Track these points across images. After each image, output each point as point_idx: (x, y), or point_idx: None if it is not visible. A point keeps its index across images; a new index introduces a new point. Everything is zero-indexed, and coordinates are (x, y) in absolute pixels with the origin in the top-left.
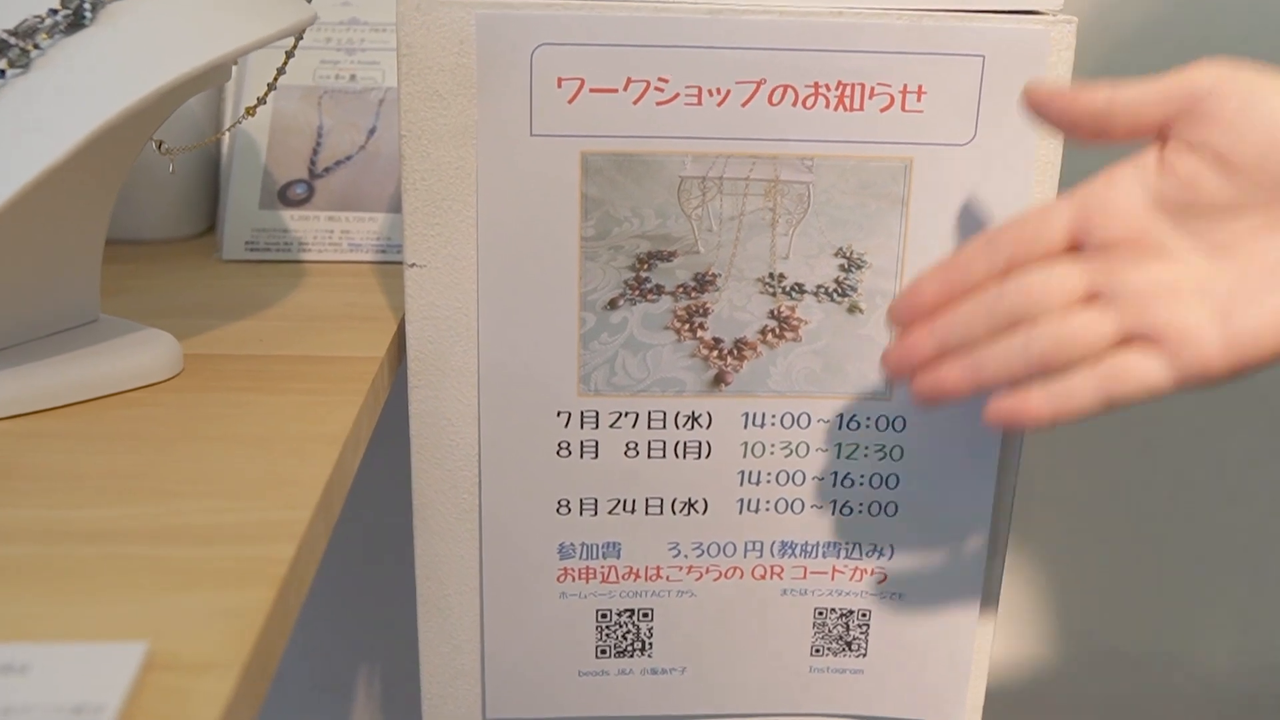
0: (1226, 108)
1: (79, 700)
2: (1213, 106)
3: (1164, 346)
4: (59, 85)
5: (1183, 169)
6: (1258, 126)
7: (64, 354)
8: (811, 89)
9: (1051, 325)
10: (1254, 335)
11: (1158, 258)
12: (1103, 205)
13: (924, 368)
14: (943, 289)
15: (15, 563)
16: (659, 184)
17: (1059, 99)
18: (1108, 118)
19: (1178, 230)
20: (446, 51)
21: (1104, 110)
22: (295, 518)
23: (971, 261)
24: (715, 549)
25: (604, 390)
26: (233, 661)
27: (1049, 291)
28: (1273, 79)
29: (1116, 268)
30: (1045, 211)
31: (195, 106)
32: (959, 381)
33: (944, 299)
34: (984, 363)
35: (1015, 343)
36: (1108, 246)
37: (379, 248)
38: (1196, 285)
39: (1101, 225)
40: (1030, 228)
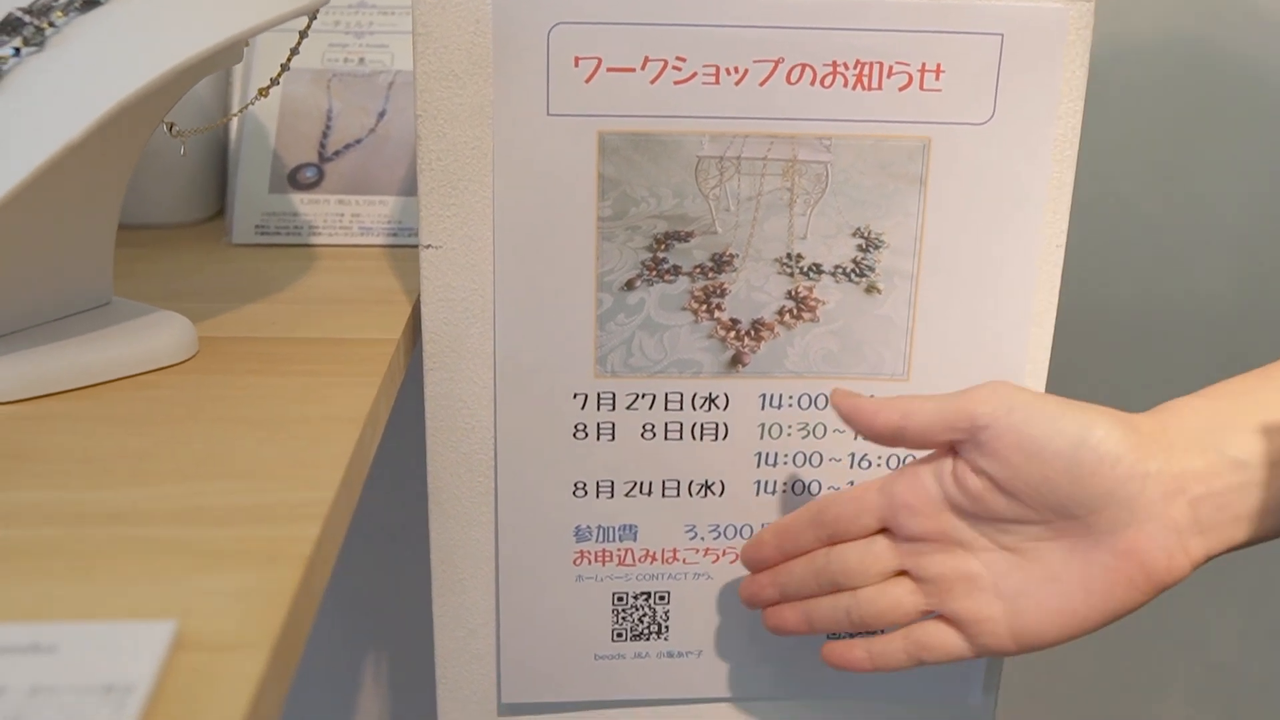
0: (1001, 444)
1: (108, 680)
2: (989, 439)
3: (962, 629)
4: (74, 64)
5: (971, 485)
6: (1029, 463)
7: (78, 336)
8: (830, 68)
9: (869, 598)
10: (1036, 631)
11: (958, 549)
12: (907, 504)
13: (769, 606)
14: (779, 549)
15: (37, 544)
16: (676, 164)
17: (861, 413)
18: (901, 435)
19: (974, 528)
20: (462, 31)
21: (898, 430)
22: (318, 498)
23: (802, 531)
24: (732, 531)
25: (621, 372)
26: (262, 641)
27: (865, 567)
28: (1046, 413)
29: (922, 555)
30: (860, 499)
31: (203, 90)
32: (796, 625)
33: (780, 558)
34: (815, 614)
35: (840, 604)
36: (914, 538)
37: (390, 231)
38: (991, 579)
39: (907, 521)
40: (849, 511)
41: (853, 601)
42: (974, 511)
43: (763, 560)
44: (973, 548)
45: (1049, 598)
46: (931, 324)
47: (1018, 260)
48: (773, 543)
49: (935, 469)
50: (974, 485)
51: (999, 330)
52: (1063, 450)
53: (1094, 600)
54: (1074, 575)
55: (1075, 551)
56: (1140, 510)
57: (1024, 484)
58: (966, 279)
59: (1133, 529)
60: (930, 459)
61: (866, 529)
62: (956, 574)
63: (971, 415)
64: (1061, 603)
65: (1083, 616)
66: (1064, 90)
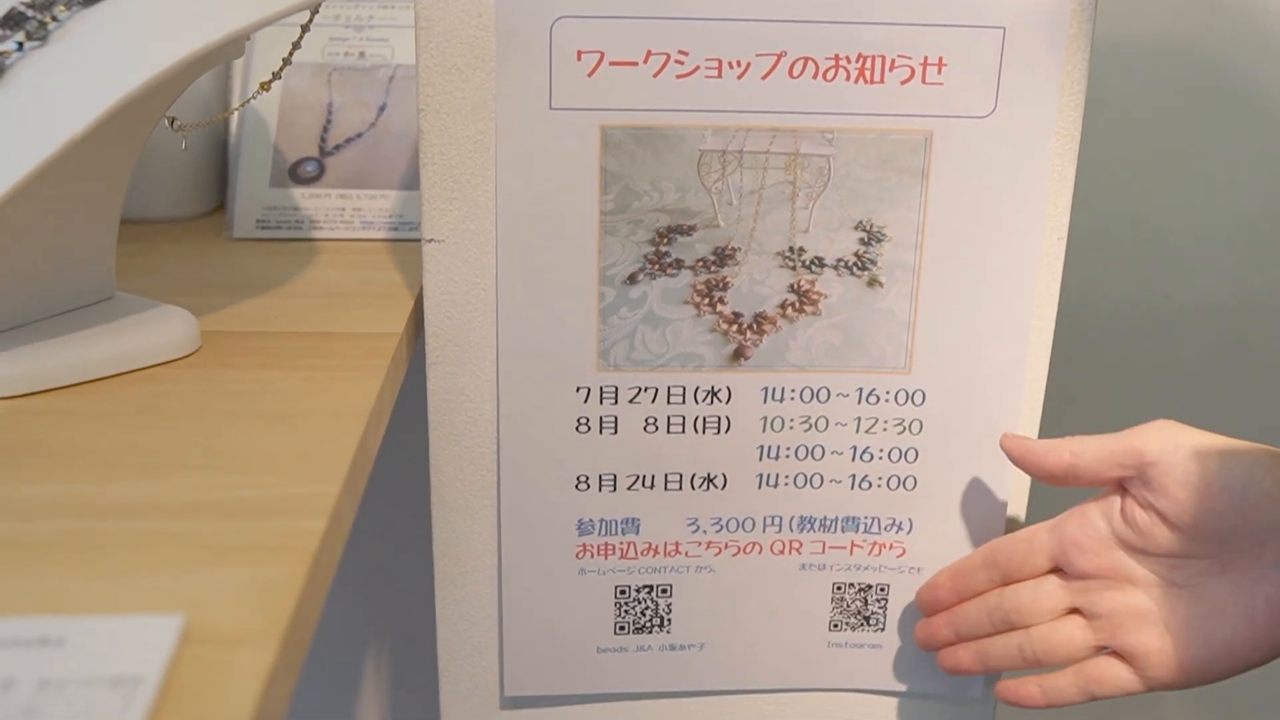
0: (1169, 479)
1: (117, 672)
2: (1157, 476)
3: (1133, 663)
4: (77, 59)
5: (1139, 520)
6: (1195, 499)
7: (81, 331)
8: (832, 61)
9: (1041, 635)
10: (1203, 664)
11: (1128, 585)
12: (1077, 543)
13: (944, 647)
14: (954, 591)
15: (43, 538)
16: (679, 158)
17: (1033, 454)
18: (1073, 474)
19: (1142, 564)
20: (465, 24)
21: (1069, 469)
22: (324, 491)
23: (975, 574)
24: (734, 524)
25: (623, 365)
26: (270, 634)
27: (1038, 605)
28: (1212, 451)
29: (1093, 591)
30: (1031, 540)
31: (204, 84)
32: (971, 665)
33: (954, 599)
34: (990, 653)
35: (1013, 642)
36: (1084, 575)
37: (391, 225)
38: (1160, 614)
39: (1078, 559)
40: (1020, 552)
41: (1025, 639)
42: (1142, 547)
43: (937, 602)
44: (1142, 583)
45: (1215, 630)
46: (933, 317)
47: (1019, 253)
48: (948, 585)
49: (1104, 507)
50: (1142, 521)
51: (1000, 323)
52: (1229, 486)
53: (1259, 633)
54: (1239, 609)
55: (1240, 585)
56: None
57: (1190, 519)
58: (968, 272)
59: None
60: (1098, 501)
61: (1038, 569)
62: (1126, 610)
63: (1139, 452)
64: (1227, 636)
65: (1250, 649)
66: (1065, 84)
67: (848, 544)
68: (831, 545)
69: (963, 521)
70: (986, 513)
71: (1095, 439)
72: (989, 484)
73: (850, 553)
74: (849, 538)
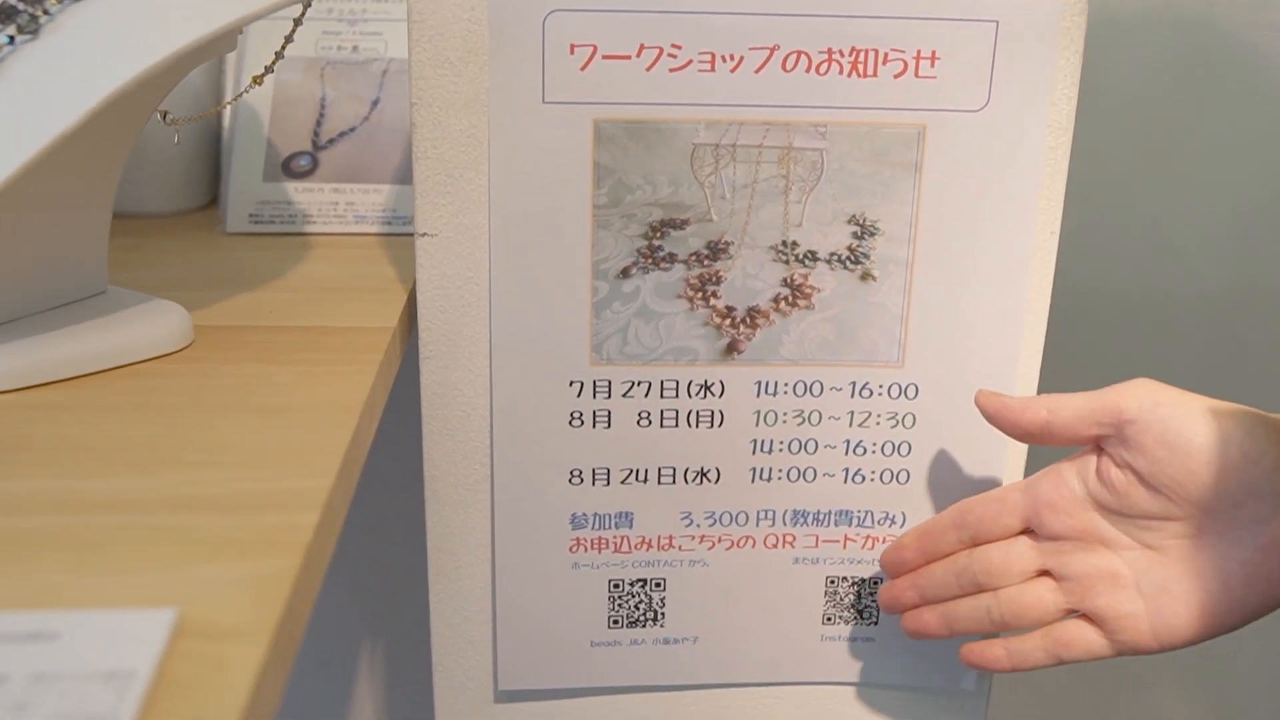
0: (1147, 438)
1: (110, 667)
2: (1135, 434)
3: (1103, 627)
4: (69, 52)
5: (1115, 480)
6: (1174, 459)
7: (74, 325)
8: (825, 55)
9: (1010, 597)
10: (1177, 628)
11: (1100, 548)
12: (1050, 503)
13: (908, 610)
14: (921, 552)
15: (36, 533)
16: (672, 151)
17: (1009, 411)
18: (1049, 431)
19: (1116, 526)
20: (458, 18)
21: (1045, 425)
22: (317, 485)
23: (944, 534)
24: (727, 518)
25: (616, 359)
26: (262, 628)
27: (1008, 567)
28: (1191, 409)
29: (1065, 553)
30: (1003, 499)
31: (197, 78)
32: (936, 628)
33: (921, 560)
34: (956, 615)
35: (980, 604)
36: (1056, 536)
37: (384, 219)
38: (1133, 577)
39: (1050, 520)
40: (992, 512)
41: (994, 601)
42: (1117, 508)
43: (903, 564)
44: (1115, 546)
45: (1191, 594)
46: (926, 311)
47: (1012, 247)
48: (914, 546)
49: (1078, 467)
50: (1118, 480)
51: (993, 317)
52: (1207, 445)
53: (1235, 596)
54: (1215, 571)
55: (1217, 547)
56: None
57: (1168, 478)
58: (961, 266)
59: (1275, 523)
60: (1073, 460)
61: (1009, 529)
62: (1099, 572)
63: (1119, 409)
64: (1202, 599)
65: (1224, 613)
66: (1058, 77)
67: (841, 538)
68: (825, 539)
69: None
70: None
71: (1073, 396)
72: (982, 477)
73: (844, 546)
74: (842, 531)
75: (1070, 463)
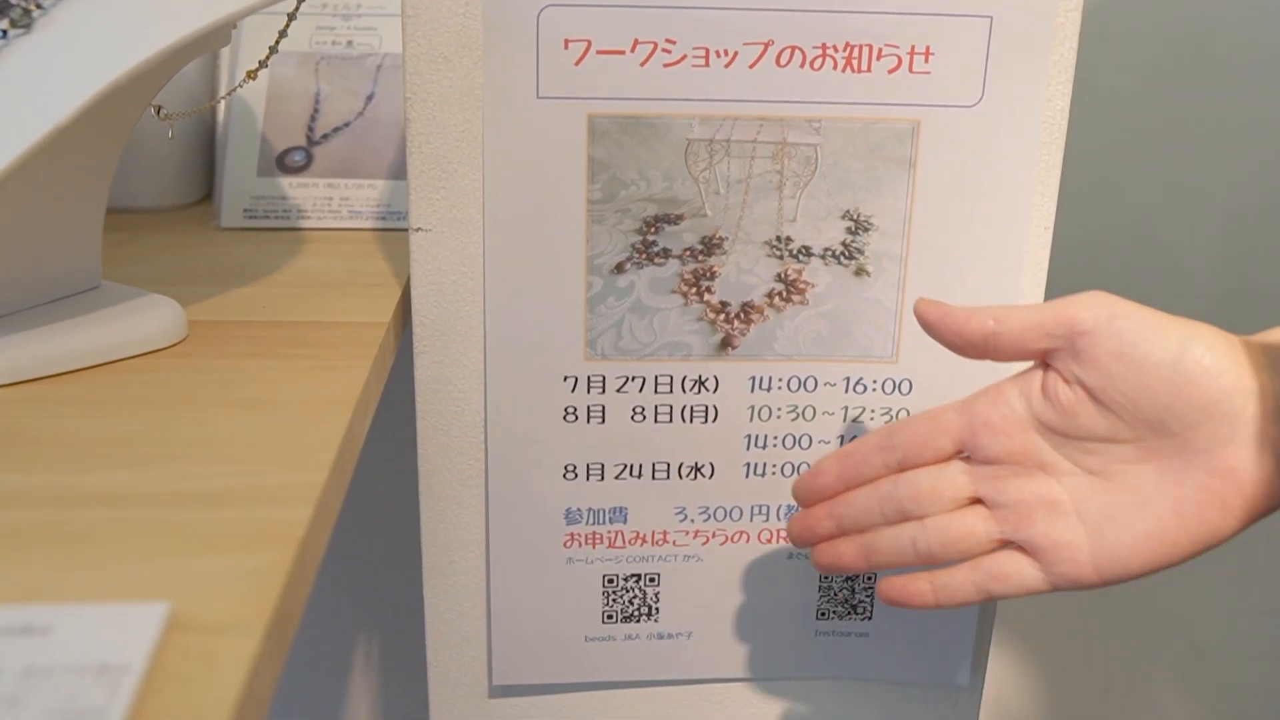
0: (1101, 350)
1: (102, 660)
2: (1089, 346)
3: (1039, 558)
4: (62, 46)
5: (1063, 397)
6: (1129, 373)
7: (68, 320)
8: (819, 50)
9: (938, 525)
10: (1121, 559)
11: (1039, 473)
12: (989, 423)
13: (822, 542)
14: (840, 477)
15: (29, 527)
16: (666, 147)
17: (949, 320)
18: (994, 342)
19: (1059, 449)
20: (451, 13)
21: (990, 336)
22: (310, 480)
23: (868, 456)
24: (722, 513)
25: (611, 354)
26: (255, 622)
27: (937, 493)
28: (1148, 322)
29: (1000, 479)
30: (936, 419)
31: (191, 73)
32: (853, 560)
33: (841, 486)
34: (876, 547)
35: (904, 534)
36: (993, 460)
37: (379, 214)
38: (1074, 504)
39: (988, 441)
40: (923, 433)
41: (920, 530)
42: (1062, 429)
43: (820, 490)
44: (1056, 471)
45: (1137, 523)
46: None
47: (1006, 243)
48: (833, 470)
49: (1021, 385)
50: (1066, 397)
51: None
52: (1165, 359)
53: (1185, 525)
54: (1165, 498)
55: (1168, 473)
56: (1242, 427)
57: (1121, 394)
58: (955, 261)
59: (1232, 447)
60: (1016, 378)
61: (941, 453)
62: (1036, 499)
63: (1072, 320)
64: (1150, 528)
65: (1171, 543)
66: (1052, 73)
67: None
68: None
69: None
70: None
71: (1021, 306)
72: None
73: None
74: None
75: (1012, 380)
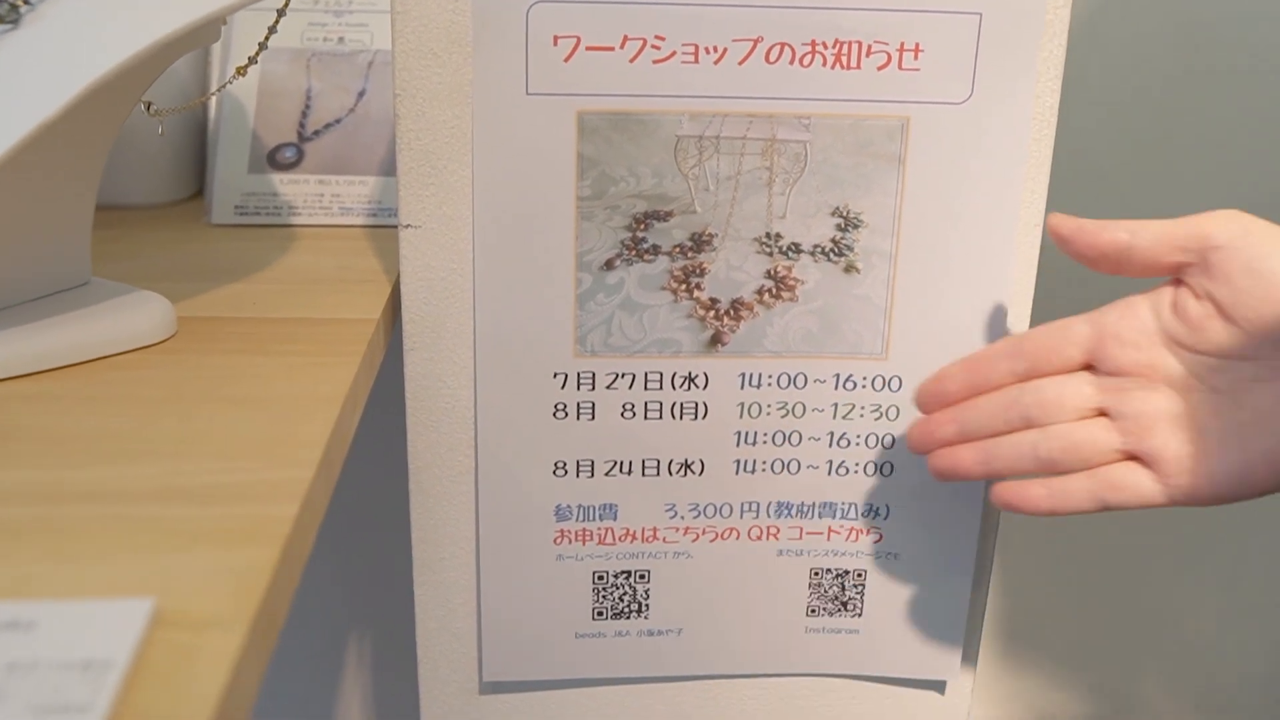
0: (1233, 266)
1: (87, 656)
2: (1221, 261)
3: (1158, 470)
4: (51, 42)
5: (1192, 312)
6: (1258, 288)
7: (56, 316)
8: (809, 47)
9: (1061, 433)
10: (1240, 475)
11: (1163, 387)
12: (1118, 334)
13: (942, 447)
14: (967, 383)
15: (15, 523)
16: (656, 143)
17: (1082, 234)
18: (1127, 256)
19: (1184, 365)
20: (441, 9)
21: (1125, 249)
22: (297, 477)
23: (995, 363)
24: (712, 510)
25: (600, 351)
26: (239, 619)
27: (1062, 402)
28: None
29: (1125, 391)
30: (1066, 329)
31: (182, 69)
32: (971, 465)
33: (966, 393)
34: (996, 453)
35: (1025, 440)
36: (1119, 373)
37: (370, 211)
38: (1196, 419)
39: (1115, 353)
40: (1052, 342)
41: (1041, 436)
42: (1189, 344)
43: (944, 395)
44: (1180, 386)
45: (1254, 441)
46: (910, 303)
47: (996, 240)
48: (959, 376)
49: (1152, 299)
50: (1195, 312)
51: (977, 310)
52: None
53: None
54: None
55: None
56: None
57: (1249, 310)
58: (945, 258)
59: None
60: (1147, 292)
61: (1068, 362)
62: (1160, 412)
63: (1205, 235)
64: (1269, 445)
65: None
66: (1042, 70)
67: (825, 529)
68: (809, 531)
69: (940, 507)
70: (963, 498)
71: (1154, 222)
72: None
73: (827, 538)
74: (826, 523)
75: (1143, 294)
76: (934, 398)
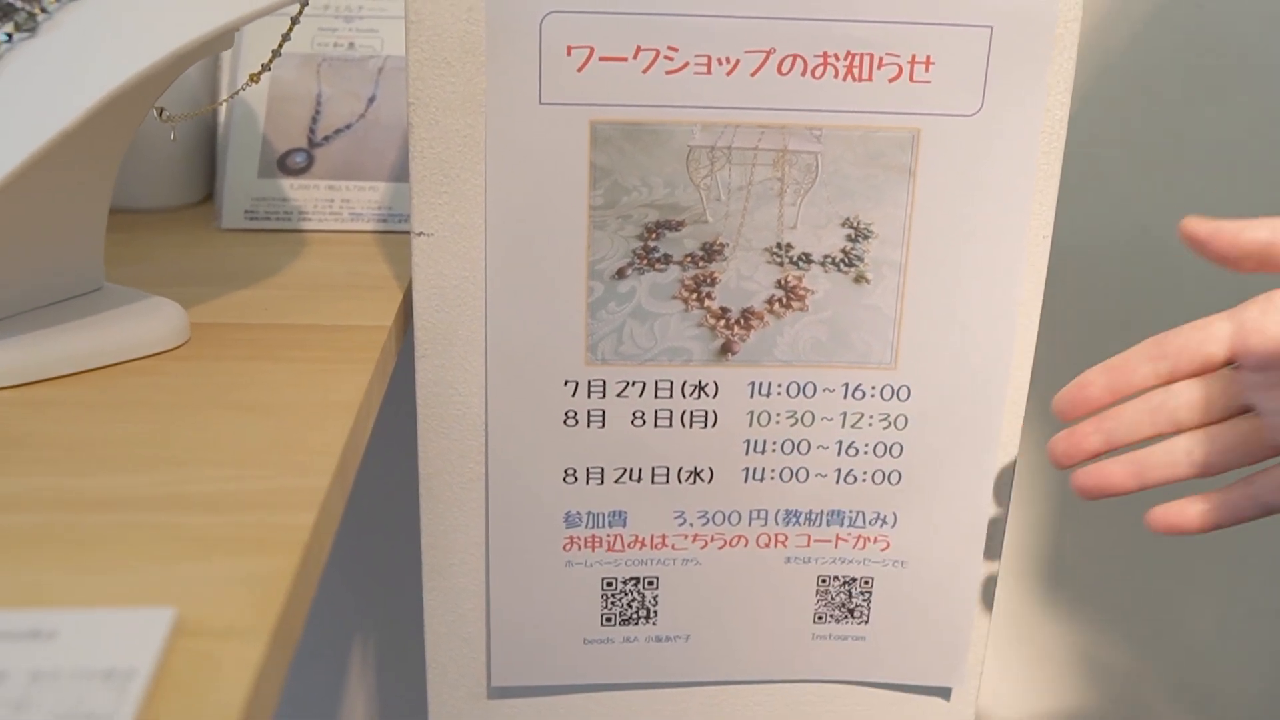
0: None
1: (109, 665)
2: None
3: None
4: (67, 50)
5: None
6: None
7: (70, 322)
8: (820, 59)
9: (1212, 435)
10: None
11: None
12: (1260, 328)
13: (1088, 458)
14: (1109, 388)
15: (32, 531)
16: (668, 153)
17: (1223, 235)
18: (1270, 252)
19: None
20: (455, 18)
21: (1267, 246)
22: (314, 485)
23: (1137, 366)
24: (720, 518)
25: (611, 359)
26: (260, 627)
27: (1210, 401)
28: None
29: (1272, 386)
30: (1207, 327)
31: (193, 75)
32: (1124, 480)
33: (1108, 397)
34: (1149, 463)
35: (1178, 447)
36: (1264, 368)
37: (380, 217)
38: None
39: (1259, 349)
40: (1194, 340)
41: (1193, 441)
42: None
43: (1086, 402)
44: None
45: None
46: (919, 314)
47: (1005, 251)
48: (1101, 381)
49: None
50: None
51: (986, 320)
52: None
53: None
54: None
55: None
56: None
57: None
58: (954, 269)
59: None
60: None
61: (1211, 360)
62: None
63: None
64: None
65: None
66: (1052, 83)
67: (833, 537)
68: (816, 539)
69: (947, 516)
70: (971, 507)
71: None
72: (973, 478)
73: (835, 546)
74: (834, 531)
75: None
76: (1075, 405)
